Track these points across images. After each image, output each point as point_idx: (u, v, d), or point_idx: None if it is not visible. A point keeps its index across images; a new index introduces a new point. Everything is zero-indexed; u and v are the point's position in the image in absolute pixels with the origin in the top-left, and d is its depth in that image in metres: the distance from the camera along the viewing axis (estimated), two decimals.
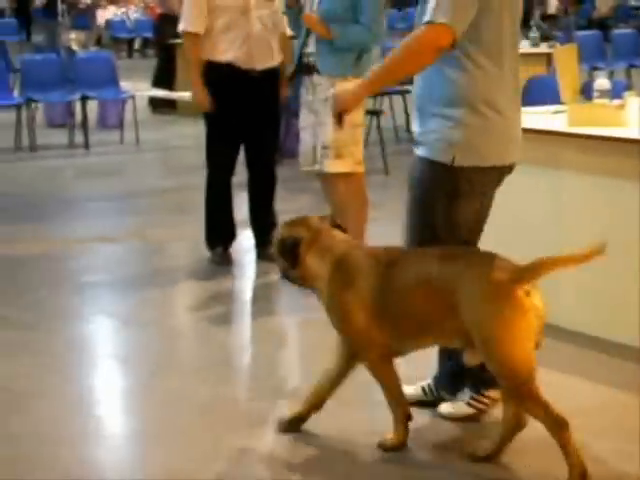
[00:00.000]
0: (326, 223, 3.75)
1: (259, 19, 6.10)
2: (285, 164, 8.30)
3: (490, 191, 3.75)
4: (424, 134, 3.68)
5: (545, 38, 11.96)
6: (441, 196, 3.64)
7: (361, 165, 5.72)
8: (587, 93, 5.27)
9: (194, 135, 7.31)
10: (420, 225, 3.72)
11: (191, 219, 6.91)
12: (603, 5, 24.72)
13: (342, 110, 3.76)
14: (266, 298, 5.84)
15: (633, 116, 4.92)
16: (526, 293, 3.33)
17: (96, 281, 6.06)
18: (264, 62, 6.13)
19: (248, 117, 6.15)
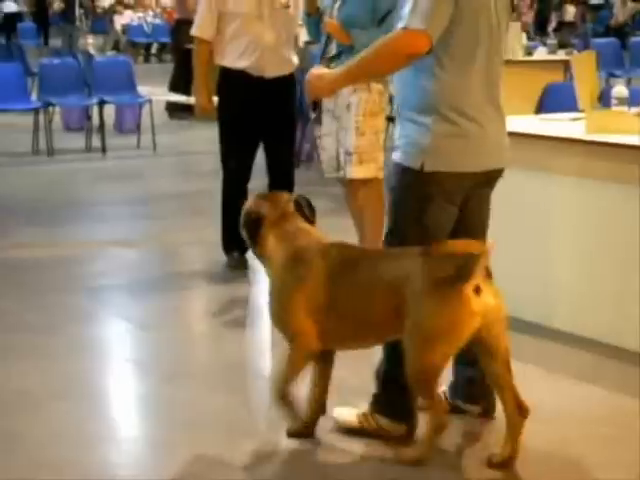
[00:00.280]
0: (291, 206, 3.73)
1: (272, 27, 6.10)
2: (301, 167, 8.28)
3: (465, 197, 3.68)
4: (399, 139, 3.71)
5: (562, 45, 11.96)
6: (412, 201, 3.65)
7: (382, 170, 5.72)
8: (605, 100, 5.26)
9: (211, 140, 7.30)
10: (395, 229, 3.73)
11: (207, 223, 6.92)
12: (621, 13, 24.68)
13: (315, 98, 3.75)
14: None
15: None
16: (475, 289, 3.30)
17: (112, 285, 6.08)
18: (274, 71, 6.12)
19: (263, 122, 6.16)
